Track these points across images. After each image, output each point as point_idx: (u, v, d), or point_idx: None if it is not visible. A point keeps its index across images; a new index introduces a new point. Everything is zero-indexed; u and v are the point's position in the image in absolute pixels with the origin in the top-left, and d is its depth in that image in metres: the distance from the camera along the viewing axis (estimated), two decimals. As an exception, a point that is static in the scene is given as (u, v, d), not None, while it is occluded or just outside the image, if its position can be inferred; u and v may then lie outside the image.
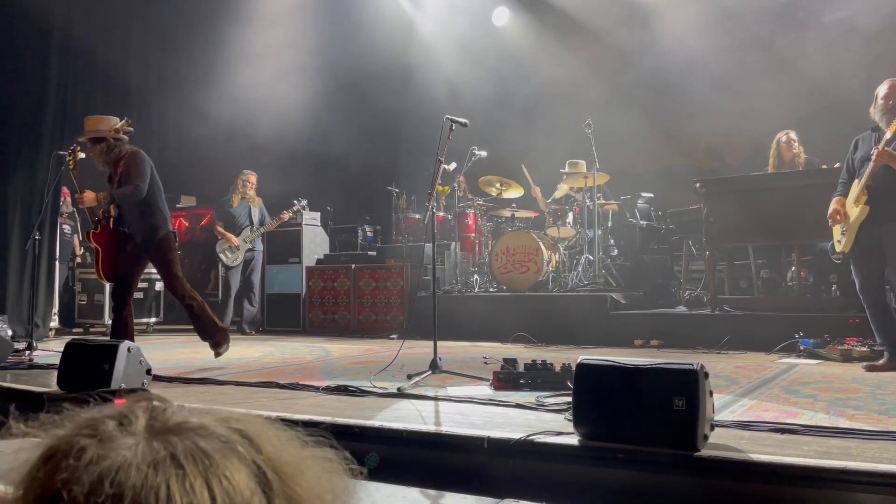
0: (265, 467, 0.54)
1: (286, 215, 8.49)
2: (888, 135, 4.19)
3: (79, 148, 5.32)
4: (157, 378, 4.38)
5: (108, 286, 8.50)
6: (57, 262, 8.22)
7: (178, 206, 10.88)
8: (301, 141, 9.97)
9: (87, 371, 3.80)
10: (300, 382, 4.07)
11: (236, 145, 9.84)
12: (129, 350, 3.85)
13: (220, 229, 8.38)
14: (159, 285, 9.04)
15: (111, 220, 5.02)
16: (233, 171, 8.90)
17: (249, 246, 8.45)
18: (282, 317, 8.79)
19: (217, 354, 5.23)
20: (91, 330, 8.70)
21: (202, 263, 10.33)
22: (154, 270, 8.95)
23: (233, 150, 9.71)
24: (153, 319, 8.99)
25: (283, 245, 8.90)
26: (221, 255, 8.43)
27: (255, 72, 9.88)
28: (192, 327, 5.31)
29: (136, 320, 8.61)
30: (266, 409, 3.31)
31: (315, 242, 9.04)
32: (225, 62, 9.91)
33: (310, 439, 0.64)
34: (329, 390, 3.84)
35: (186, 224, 10.68)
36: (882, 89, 4.44)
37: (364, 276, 8.32)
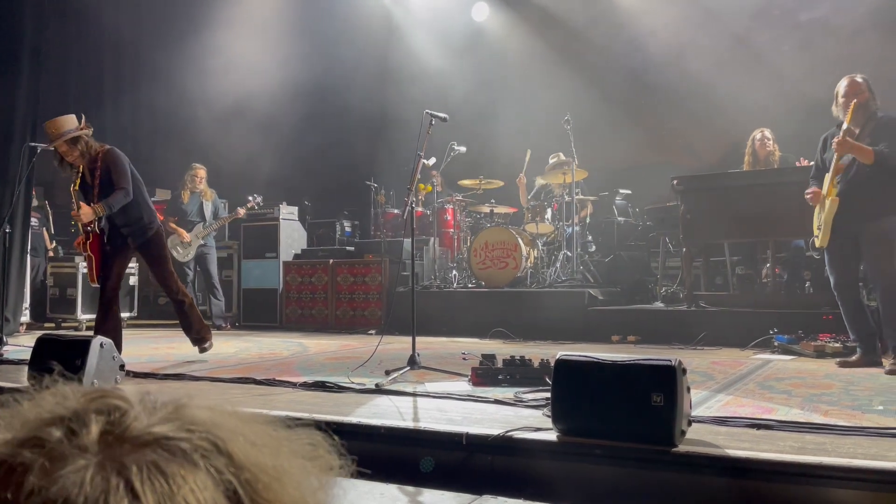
0: (236, 481, 0.49)
1: (241, 212, 8.36)
2: (845, 124, 4.25)
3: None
4: (132, 374, 4.32)
5: (81, 281, 8.39)
6: (28, 256, 8.07)
7: (152, 199, 10.75)
8: (279, 135, 9.89)
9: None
10: (277, 378, 4.03)
11: (212, 139, 9.73)
12: (101, 345, 3.79)
13: (172, 225, 8.27)
14: (132, 280, 8.92)
15: (98, 226, 4.92)
16: (209, 164, 8.80)
17: (202, 241, 8.33)
18: (258, 312, 8.71)
19: (202, 350, 5.26)
20: (63, 325, 8.56)
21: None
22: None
23: (209, 144, 9.60)
24: (126, 315, 8.86)
25: (260, 240, 8.82)
26: (172, 251, 8.31)
27: (232, 64, 9.77)
28: (166, 322, 5.28)
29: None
30: (242, 405, 3.26)
31: (292, 237, 8.97)
32: (202, 54, 9.78)
33: (296, 432, 0.60)
34: (306, 386, 3.81)
35: (162, 218, 10.53)
36: (841, 87, 4.50)
37: (342, 272, 8.27)
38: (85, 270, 8.40)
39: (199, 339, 5.23)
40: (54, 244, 9.23)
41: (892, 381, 3.92)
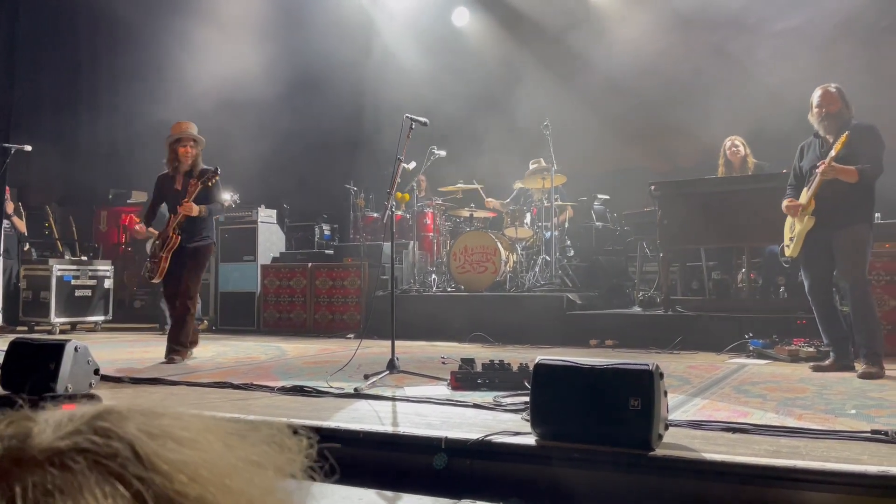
0: (148, 488, 0.46)
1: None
2: (833, 152, 4.29)
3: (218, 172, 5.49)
4: (106, 378, 4.26)
5: (55, 285, 8.25)
6: (1, 259, 7.94)
7: (129, 201, 10.64)
8: (258, 137, 9.83)
9: (33, 371, 3.66)
10: (254, 383, 4.00)
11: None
12: (75, 349, 3.73)
13: (151, 229, 8.18)
14: (108, 283, 8.81)
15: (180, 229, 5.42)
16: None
17: None
18: (236, 315, 8.65)
19: (168, 361, 5.26)
20: (36, 328, 8.43)
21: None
22: (101, 268, 8.79)
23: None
24: (101, 318, 8.75)
25: (238, 242, 8.75)
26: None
27: (211, 66, 9.71)
28: (142, 326, 5.24)
29: (82, 319, 8.47)
30: (218, 410, 3.24)
31: (270, 240, 8.91)
32: (180, 56, 9.70)
33: (258, 434, 0.58)
34: (284, 391, 3.78)
35: (137, 220, 10.43)
36: (815, 97, 4.57)
37: (321, 275, 8.24)
38: (60, 274, 8.30)
39: (175, 351, 5.31)
40: (28, 246, 9.08)
41: (865, 385, 3.98)
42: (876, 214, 5.88)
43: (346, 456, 2.84)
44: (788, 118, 6.75)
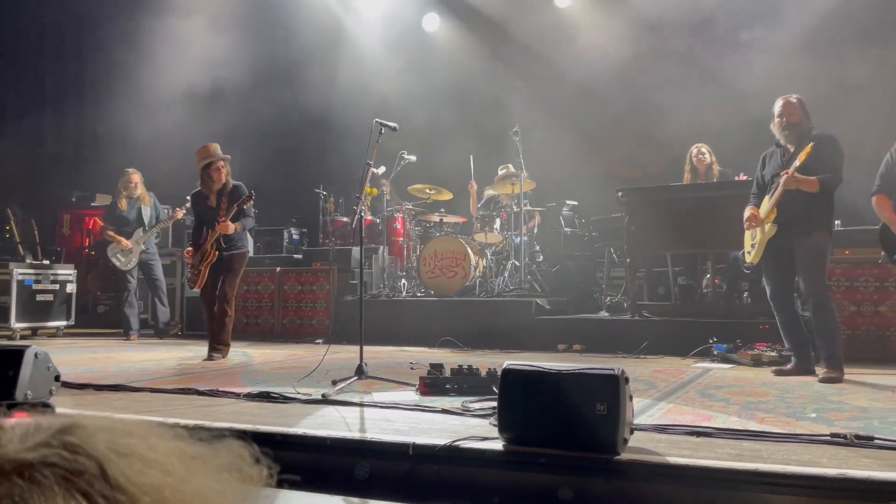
0: None
1: (179, 213, 8.19)
2: (797, 162, 4.38)
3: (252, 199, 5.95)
4: (67, 385, 4.17)
5: (16, 289, 8.05)
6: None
7: (92, 204, 10.45)
8: (226, 140, 9.71)
9: (-10, 378, 3.57)
10: (220, 389, 3.95)
11: (156, 143, 9.52)
12: (35, 355, 3.64)
13: (111, 233, 8.06)
14: (70, 287, 8.63)
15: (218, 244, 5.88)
16: (153, 169, 8.60)
17: (143, 247, 8.12)
18: (202, 321, 8.46)
19: (210, 358, 5.77)
20: (-6, 334, 8.22)
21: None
22: (64, 272, 8.61)
23: (152, 148, 9.38)
24: (63, 323, 8.57)
25: (205, 247, 8.63)
26: (113, 259, 8.09)
27: (178, 69, 9.59)
28: (105, 331, 5.16)
29: (43, 324, 8.29)
30: (183, 416, 3.19)
31: (238, 244, 8.80)
32: (146, 59, 9.57)
33: (214, 446, 0.58)
34: (250, 397, 3.74)
35: (102, 224, 10.25)
36: (777, 107, 4.67)
37: (289, 280, 8.17)
38: (21, 278, 8.12)
39: (216, 349, 5.83)
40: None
41: (825, 389, 4.07)
42: (836, 222, 6.04)
43: (313, 462, 2.82)
44: (753, 127, 6.89)
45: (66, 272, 8.68)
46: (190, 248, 6.13)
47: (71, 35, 9.95)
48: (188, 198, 8.21)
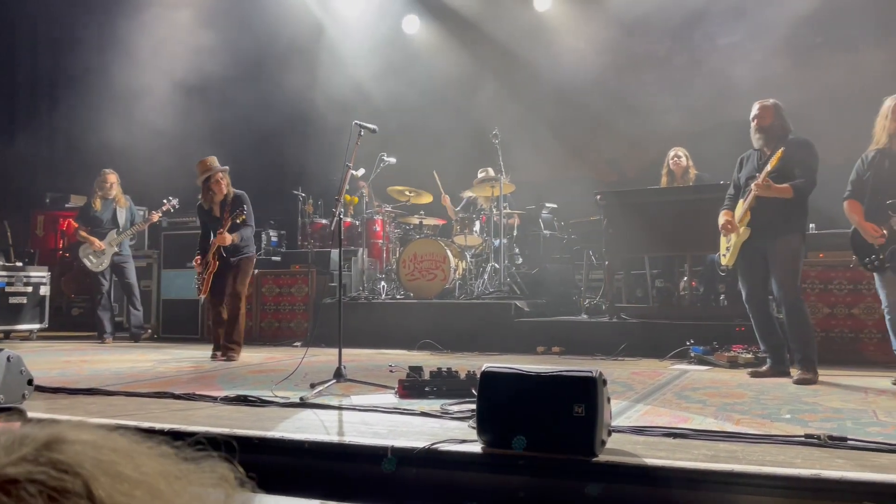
0: None
1: (155, 216, 8.10)
2: (769, 166, 4.44)
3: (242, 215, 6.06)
4: (40, 389, 4.10)
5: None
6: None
7: (67, 205, 10.31)
8: (203, 142, 9.64)
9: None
10: (196, 392, 3.91)
11: (134, 144, 9.41)
12: (8, 359, 3.58)
13: (83, 233, 7.96)
14: (44, 290, 8.51)
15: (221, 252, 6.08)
16: (131, 170, 8.50)
17: (116, 249, 8.03)
18: (179, 323, 8.44)
19: (229, 360, 5.97)
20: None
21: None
22: (37, 274, 8.49)
23: (130, 150, 9.28)
24: (37, 326, 8.44)
25: (181, 248, 8.54)
26: (85, 260, 7.98)
27: (156, 68, 9.50)
28: (79, 334, 5.10)
29: (16, 327, 8.16)
30: (159, 420, 3.16)
31: (216, 246, 8.73)
32: (121, 59, 9.47)
33: (190, 455, 0.58)
34: (227, 400, 3.71)
35: (75, 226, 10.12)
36: (753, 111, 4.74)
37: (267, 282, 8.12)
38: None
39: (231, 349, 6.03)
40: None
41: (800, 390, 4.12)
42: (810, 225, 6.13)
43: (291, 466, 2.80)
44: (729, 130, 6.98)
45: (40, 274, 8.55)
46: (199, 256, 6.23)
47: (44, 29, 9.81)
48: (164, 201, 8.16)
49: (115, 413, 3.45)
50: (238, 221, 6.01)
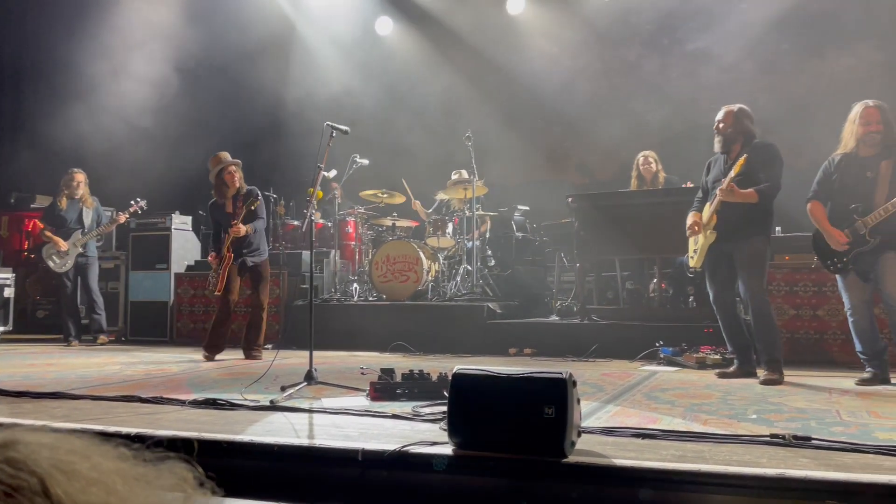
0: None
1: (122, 218, 7.95)
2: (732, 172, 4.51)
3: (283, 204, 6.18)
4: (3, 393, 4.02)
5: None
6: None
7: (32, 206, 10.11)
8: (174, 142, 9.53)
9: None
10: (164, 396, 3.86)
11: (102, 144, 9.26)
12: (-31, 363, 3.51)
13: (48, 233, 7.81)
14: (8, 291, 8.33)
15: (234, 247, 6.14)
16: (99, 170, 8.37)
17: (81, 250, 7.89)
18: (147, 326, 8.32)
19: (256, 359, 6.11)
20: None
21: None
22: (1, 276, 8.30)
23: (98, 150, 9.13)
24: (1, 328, 8.26)
25: (150, 250, 8.44)
26: (48, 261, 7.83)
27: (124, 68, 9.36)
28: (44, 337, 5.02)
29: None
30: (125, 424, 3.11)
31: (185, 248, 8.63)
32: (88, 58, 9.32)
33: (148, 457, 0.57)
34: (196, 404, 3.66)
35: (41, 226, 9.93)
36: (718, 115, 4.81)
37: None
38: None
39: (255, 348, 6.20)
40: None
41: (766, 390, 4.19)
42: (777, 228, 6.24)
43: (260, 470, 2.78)
44: (698, 134, 7.08)
45: (4, 276, 8.37)
46: (213, 254, 6.28)
47: (6, 20, 9.61)
48: (132, 202, 8.03)
49: (80, 417, 3.39)
50: (253, 208, 6.11)
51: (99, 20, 9.46)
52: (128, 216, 8.01)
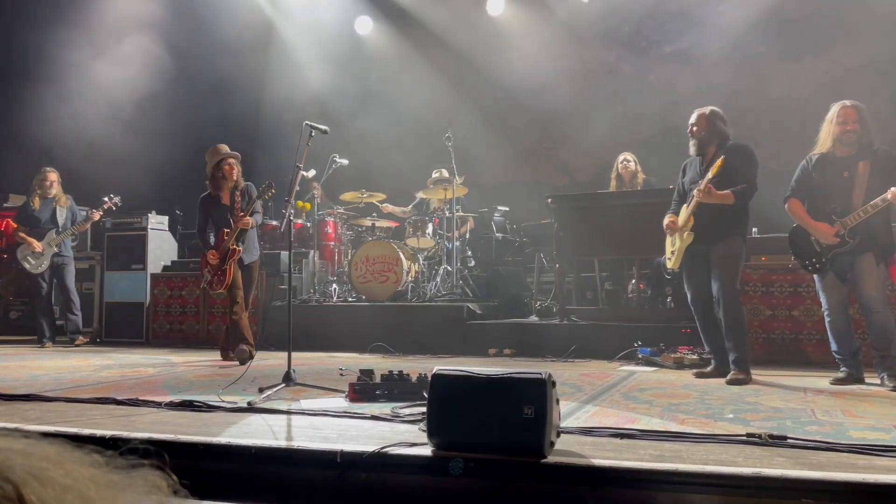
0: None
1: (96, 215, 7.84)
2: (709, 174, 4.55)
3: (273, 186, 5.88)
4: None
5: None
6: None
7: (5, 205, 9.94)
8: (149, 141, 9.42)
9: None
10: (140, 398, 3.81)
11: (77, 142, 9.13)
12: (-62, 365, 3.44)
13: (22, 234, 7.70)
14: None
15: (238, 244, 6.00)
16: (73, 169, 8.25)
17: (56, 250, 7.78)
18: (122, 327, 8.22)
19: (242, 363, 5.63)
20: None
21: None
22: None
23: (73, 148, 9.00)
24: (-28, 330, 8.12)
25: (125, 250, 8.33)
26: (24, 262, 7.71)
27: (99, 65, 9.24)
28: (16, 338, 4.92)
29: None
30: (100, 427, 3.06)
31: (161, 248, 8.54)
32: (64, 55, 9.19)
33: (121, 463, 0.57)
34: (172, 406, 3.62)
35: (14, 226, 9.76)
36: (691, 119, 4.85)
37: (216, 285, 7.95)
38: None
39: (249, 346, 5.90)
40: None
41: (743, 390, 4.23)
42: (753, 229, 6.30)
43: (238, 473, 2.75)
44: (676, 136, 7.13)
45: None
46: (213, 251, 6.01)
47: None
48: (105, 199, 7.92)
49: (53, 419, 3.33)
50: (267, 197, 5.99)
51: (72, 15, 9.33)
52: (102, 213, 7.91)
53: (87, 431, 2.98)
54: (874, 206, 4.26)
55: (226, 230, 5.97)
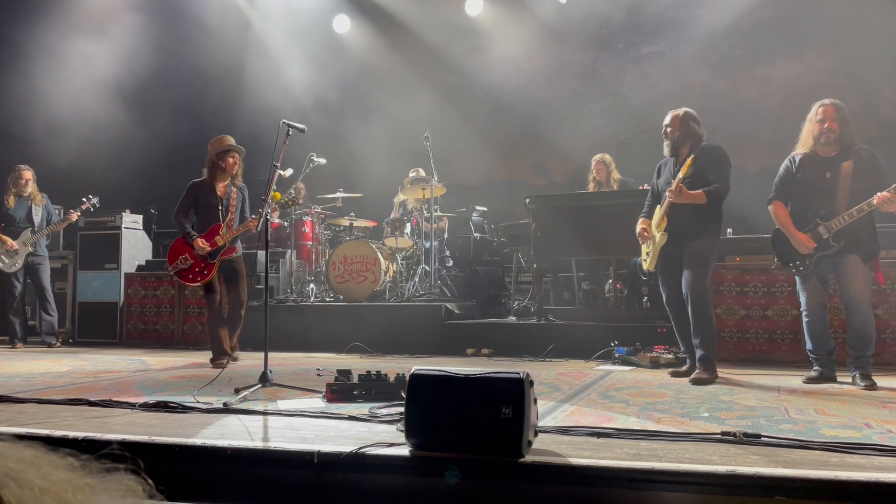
0: None
1: (74, 215, 7.74)
2: (680, 174, 4.58)
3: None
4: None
5: None
6: None
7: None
8: (124, 139, 9.30)
9: None
10: (113, 399, 3.76)
11: (53, 139, 8.98)
12: None
13: (6, 238, 7.56)
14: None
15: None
16: (48, 167, 8.12)
17: (31, 249, 7.66)
18: (96, 327, 8.11)
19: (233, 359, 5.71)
20: None
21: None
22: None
23: (48, 145, 8.85)
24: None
25: (99, 249, 8.22)
26: None
27: (75, 62, 9.10)
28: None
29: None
30: (73, 428, 3.01)
31: (136, 247, 8.44)
32: (36, 51, 9.03)
33: (96, 467, 0.56)
34: (147, 407, 3.58)
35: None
36: (665, 120, 4.89)
37: (191, 284, 7.88)
38: None
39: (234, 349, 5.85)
40: None
41: (718, 389, 4.27)
42: (728, 230, 6.37)
43: (213, 474, 2.72)
44: (652, 137, 7.19)
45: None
46: (201, 238, 5.73)
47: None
48: (84, 199, 7.81)
49: (25, 421, 3.28)
50: (289, 200, 5.71)
51: (49, 16, 9.19)
52: (79, 214, 7.80)
53: (59, 433, 2.93)
54: (860, 210, 4.25)
55: (220, 225, 5.75)
